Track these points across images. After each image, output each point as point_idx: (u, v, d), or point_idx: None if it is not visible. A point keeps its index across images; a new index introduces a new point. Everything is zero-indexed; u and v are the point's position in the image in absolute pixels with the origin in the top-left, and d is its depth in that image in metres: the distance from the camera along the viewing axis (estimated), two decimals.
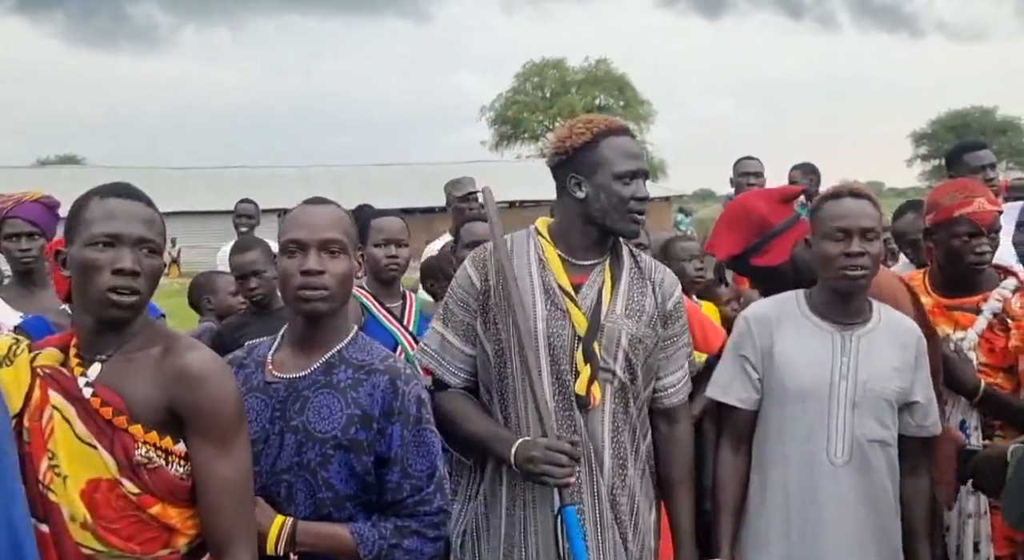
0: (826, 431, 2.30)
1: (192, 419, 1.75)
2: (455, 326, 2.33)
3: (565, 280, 2.25)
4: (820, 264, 2.36)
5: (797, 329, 2.37)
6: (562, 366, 2.20)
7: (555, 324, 2.21)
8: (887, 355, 2.35)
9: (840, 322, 2.37)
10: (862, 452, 2.30)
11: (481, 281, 2.29)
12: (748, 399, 2.39)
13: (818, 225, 2.37)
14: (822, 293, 2.41)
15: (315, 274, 1.93)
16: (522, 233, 2.38)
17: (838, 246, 2.31)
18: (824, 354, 2.34)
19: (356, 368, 1.99)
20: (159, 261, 1.80)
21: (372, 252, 3.14)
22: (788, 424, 2.32)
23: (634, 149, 2.27)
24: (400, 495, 1.94)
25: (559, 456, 2.07)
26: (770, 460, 2.36)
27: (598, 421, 2.22)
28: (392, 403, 1.94)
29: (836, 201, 2.36)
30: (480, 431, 2.25)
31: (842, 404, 2.30)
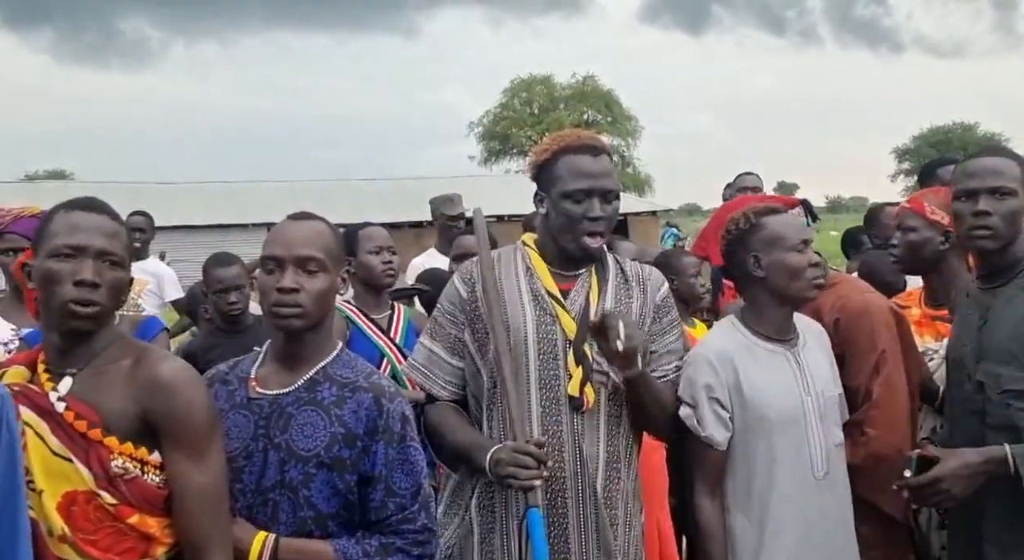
0: (807, 449, 2.32)
1: (166, 428, 1.77)
2: (443, 339, 2.36)
3: (553, 286, 2.28)
4: (787, 275, 2.34)
5: (754, 358, 2.36)
6: (552, 370, 2.22)
7: (544, 329, 2.23)
8: (821, 360, 2.42)
9: (783, 341, 2.40)
10: (833, 458, 2.36)
11: (468, 293, 2.33)
12: (724, 440, 2.34)
13: (777, 240, 2.36)
14: (767, 311, 2.39)
15: (289, 292, 1.91)
16: (509, 247, 2.42)
17: (804, 257, 2.33)
18: (788, 376, 2.35)
19: (340, 385, 1.97)
20: (122, 273, 1.82)
21: (366, 260, 3.18)
22: (776, 452, 2.31)
23: (589, 167, 2.23)
24: (384, 513, 1.92)
25: (524, 458, 2.08)
26: (761, 492, 2.31)
27: (593, 423, 2.23)
28: (376, 421, 1.92)
29: (780, 215, 2.40)
30: (463, 441, 2.27)
31: (813, 419, 2.33)
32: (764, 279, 2.38)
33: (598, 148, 2.27)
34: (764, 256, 2.36)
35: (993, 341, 2.27)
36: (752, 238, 2.39)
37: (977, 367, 2.29)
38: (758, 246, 2.37)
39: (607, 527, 2.21)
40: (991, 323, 2.30)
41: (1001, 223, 2.28)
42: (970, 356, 2.32)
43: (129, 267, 1.85)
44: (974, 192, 2.30)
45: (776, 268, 2.35)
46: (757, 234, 2.38)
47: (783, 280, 2.35)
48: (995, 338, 2.27)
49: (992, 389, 2.24)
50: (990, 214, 2.27)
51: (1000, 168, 2.31)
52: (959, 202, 2.34)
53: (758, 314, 2.41)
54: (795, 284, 2.34)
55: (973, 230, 2.30)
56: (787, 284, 2.35)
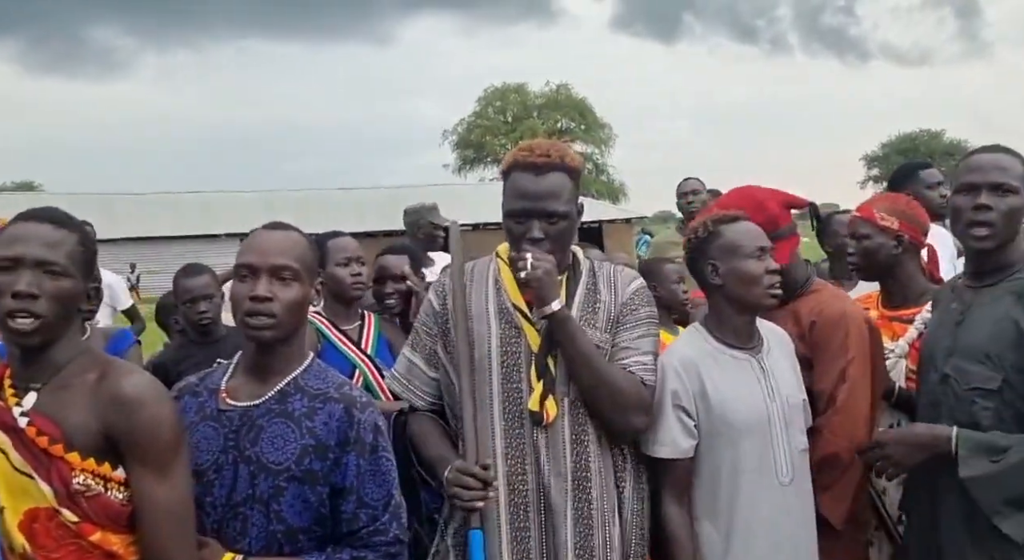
0: (772, 455, 2.33)
1: (129, 444, 1.73)
2: (421, 350, 2.38)
3: (520, 299, 2.27)
4: (744, 283, 2.35)
5: (719, 365, 2.37)
6: (515, 384, 2.21)
7: (509, 343, 2.24)
8: (785, 366, 2.44)
9: (747, 348, 2.41)
10: (798, 464, 2.37)
11: (441, 305, 2.34)
12: (690, 448, 2.34)
13: (734, 248, 2.36)
14: (729, 319, 2.40)
15: (263, 300, 1.89)
16: (485, 259, 2.42)
17: (761, 264, 2.35)
18: (753, 383, 2.36)
19: (311, 396, 1.95)
20: (67, 283, 1.75)
21: (335, 272, 3.13)
22: (742, 458, 2.31)
23: (529, 188, 2.21)
24: (356, 525, 1.90)
25: (467, 479, 2.07)
26: (726, 499, 2.31)
27: (558, 438, 2.21)
28: (347, 432, 1.91)
29: (737, 223, 2.40)
30: (432, 455, 2.26)
31: (779, 425, 2.35)
32: (723, 287, 2.39)
33: (543, 166, 2.22)
34: (722, 264, 2.38)
35: (969, 338, 2.28)
36: (710, 246, 2.40)
37: (947, 361, 2.30)
38: (716, 254, 2.39)
39: (568, 544, 2.17)
40: (970, 320, 2.30)
41: (1000, 219, 2.24)
42: (942, 350, 2.33)
43: (83, 276, 1.79)
44: (975, 186, 2.25)
45: (733, 276, 2.36)
46: (715, 242, 2.40)
47: (740, 287, 2.36)
48: (971, 336, 2.28)
49: (959, 385, 2.26)
50: (990, 209, 2.23)
51: (1004, 164, 2.27)
52: (959, 196, 2.30)
53: (720, 321, 2.43)
54: (752, 291, 2.35)
55: (971, 225, 2.27)
56: (744, 291, 2.36)
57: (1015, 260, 2.30)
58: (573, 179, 2.27)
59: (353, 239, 3.29)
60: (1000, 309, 2.24)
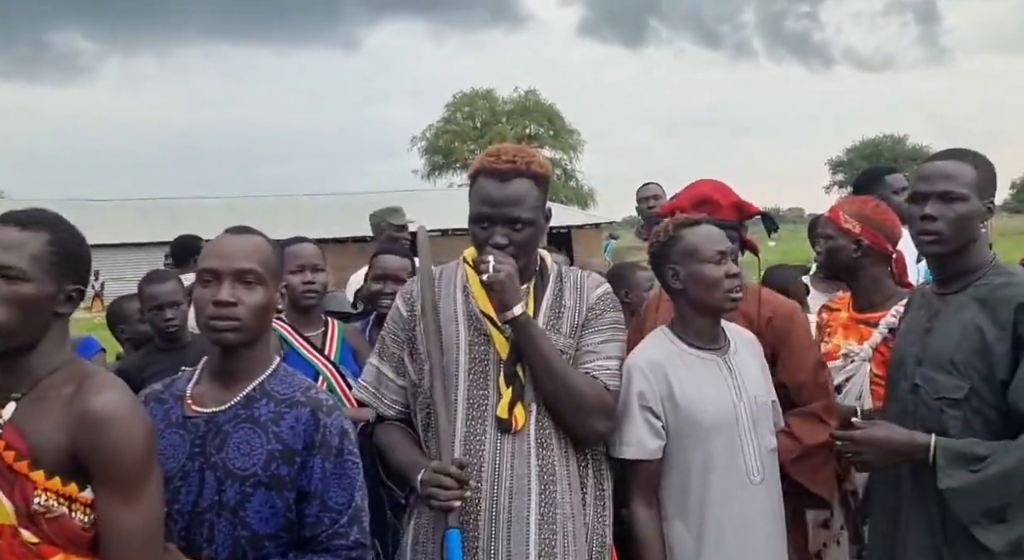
0: (742, 454, 2.35)
1: (94, 465, 1.66)
2: (389, 358, 2.38)
3: (488, 306, 2.26)
4: (704, 287, 2.38)
5: (686, 366, 2.39)
6: (481, 390, 2.22)
7: (477, 350, 2.24)
8: (753, 366, 2.46)
9: (713, 348, 2.43)
10: (767, 464, 2.39)
11: (408, 312, 2.34)
12: (658, 449, 2.36)
13: (693, 251, 2.39)
14: (692, 321, 2.43)
15: (226, 305, 1.88)
16: (453, 264, 2.41)
17: (720, 268, 2.37)
18: (720, 383, 2.39)
19: (277, 401, 1.94)
20: (25, 287, 1.67)
21: (288, 279, 3.06)
22: (711, 458, 2.33)
23: (494, 194, 2.22)
24: (318, 529, 1.89)
25: (444, 479, 2.08)
26: (697, 498, 2.33)
27: (524, 446, 2.21)
28: (313, 435, 1.90)
29: (698, 227, 2.42)
30: (403, 461, 2.27)
31: (747, 424, 2.37)
32: (684, 290, 2.42)
33: (508, 173, 2.22)
34: (682, 268, 2.41)
35: (936, 347, 2.28)
36: (671, 250, 2.43)
37: (917, 370, 2.31)
38: (676, 258, 2.42)
39: (525, 552, 2.16)
40: (937, 328, 2.30)
41: (947, 228, 2.24)
42: (911, 358, 2.35)
43: (53, 279, 1.71)
44: (924, 196, 2.28)
45: (693, 280, 2.39)
46: (676, 246, 2.42)
47: (699, 291, 2.39)
48: (938, 344, 2.28)
49: (928, 394, 2.26)
50: (935, 219, 2.25)
51: (952, 172, 2.26)
52: (912, 205, 2.33)
53: (685, 323, 2.45)
54: (711, 295, 2.38)
55: (920, 235, 2.31)
56: (704, 295, 2.39)
57: (977, 265, 2.29)
58: (539, 186, 2.27)
59: (312, 246, 3.25)
60: (966, 316, 2.24)
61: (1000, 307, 2.18)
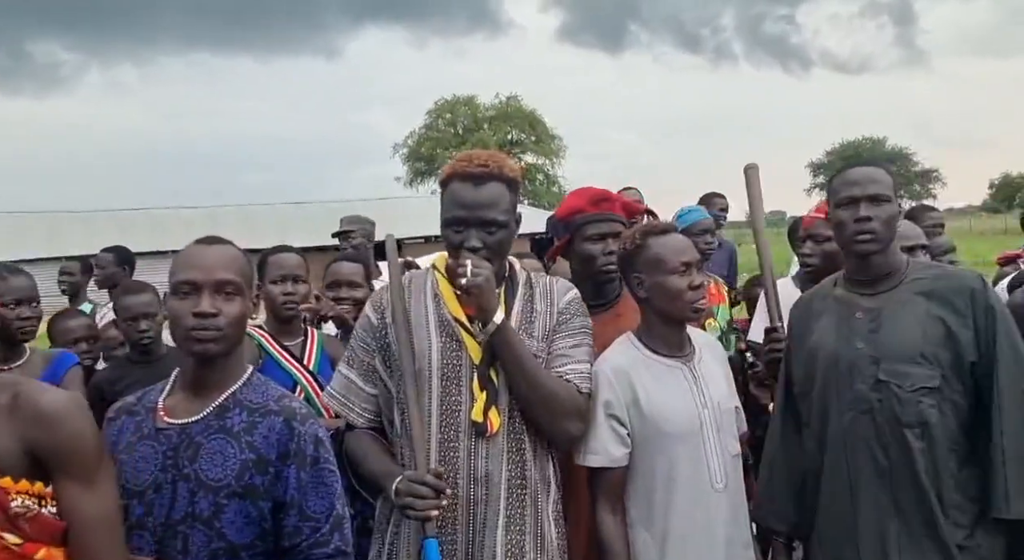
0: (706, 461, 2.36)
1: (53, 459, 1.73)
2: (358, 366, 2.37)
3: (459, 311, 2.27)
4: (667, 298, 2.39)
5: (651, 373, 2.40)
6: (454, 396, 2.21)
7: (450, 355, 2.24)
8: (717, 372, 2.49)
9: (678, 356, 2.44)
10: (731, 470, 2.40)
11: (378, 320, 2.34)
12: (623, 456, 2.36)
13: (657, 262, 2.40)
14: (657, 329, 2.44)
15: (208, 317, 1.88)
16: (422, 272, 2.43)
17: (684, 279, 2.38)
18: (684, 390, 2.40)
19: (251, 411, 1.94)
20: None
21: (269, 289, 3.10)
22: (675, 465, 2.34)
23: (467, 197, 2.23)
24: (298, 538, 1.89)
25: (420, 488, 2.08)
26: (661, 506, 2.34)
27: (497, 449, 2.22)
28: (288, 445, 1.90)
29: (665, 236, 2.44)
30: (375, 469, 2.26)
31: (711, 431, 2.38)
32: (648, 299, 2.43)
33: (481, 176, 2.24)
34: (647, 277, 2.42)
35: (896, 343, 2.37)
36: (637, 259, 2.44)
37: (877, 367, 2.37)
38: (641, 267, 2.43)
39: (493, 556, 2.18)
40: (888, 326, 2.39)
41: (881, 227, 2.40)
42: (862, 357, 2.40)
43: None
44: (856, 199, 2.42)
45: (656, 290, 2.41)
46: (641, 256, 2.43)
47: (662, 302, 2.40)
48: (899, 340, 2.37)
49: (902, 388, 2.34)
50: (871, 219, 2.39)
51: (876, 177, 2.45)
52: (841, 210, 2.46)
53: (650, 331, 2.46)
54: (674, 306, 2.39)
55: (856, 235, 2.42)
56: (666, 306, 2.40)
57: (899, 263, 2.47)
58: (511, 189, 2.29)
59: (295, 256, 3.25)
60: (918, 311, 2.37)
61: (954, 297, 2.35)
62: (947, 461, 2.31)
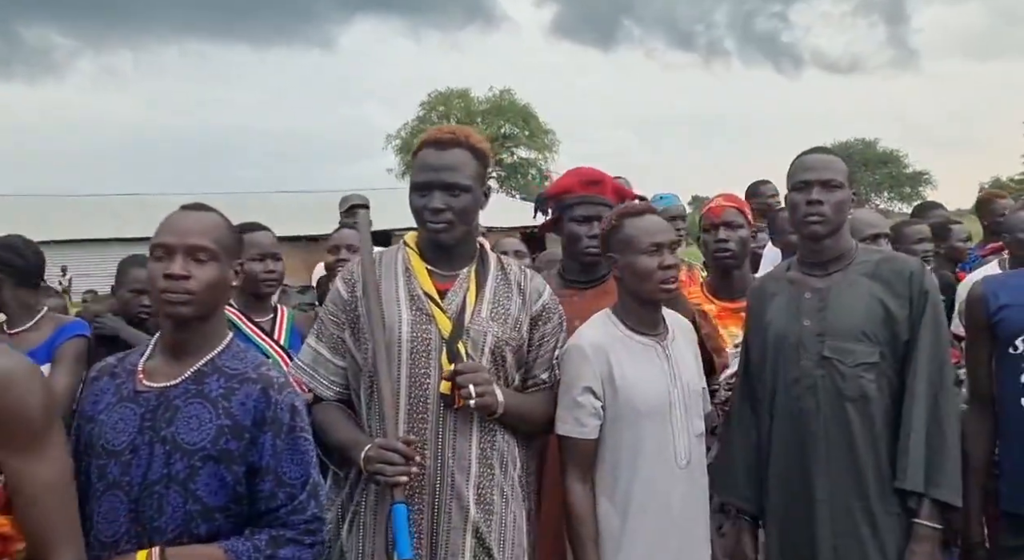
0: (671, 439, 2.42)
1: (2, 427, 1.67)
2: (327, 339, 2.40)
3: (430, 286, 2.32)
4: (637, 277, 2.44)
5: (628, 350, 2.45)
6: (423, 369, 2.25)
7: (419, 328, 2.27)
8: (688, 354, 2.55)
9: (652, 335, 2.50)
10: (695, 448, 2.47)
11: (349, 294, 2.37)
12: (594, 429, 2.41)
13: (629, 242, 2.45)
14: (633, 309, 2.50)
15: (178, 278, 1.90)
16: (392, 248, 2.46)
17: (654, 260, 2.43)
18: (657, 368, 2.45)
19: (228, 377, 1.97)
20: None
21: (248, 266, 3.11)
22: (642, 441, 2.40)
23: (431, 161, 2.29)
24: (274, 504, 1.93)
25: (391, 455, 2.11)
26: (626, 479, 2.40)
27: (467, 421, 2.25)
28: (264, 412, 1.93)
29: (639, 217, 2.49)
30: (344, 439, 2.29)
31: (678, 409, 2.44)
32: (621, 279, 2.49)
33: (446, 142, 2.31)
34: (619, 257, 2.48)
35: (840, 321, 2.51)
36: (612, 239, 2.51)
37: (821, 344, 2.51)
38: (615, 247, 2.49)
39: (463, 528, 2.22)
40: (835, 305, 2.53)
41: (830, 211, 2.53)
42: (808, 334, 2.53)
43: None
44: (808, 183, 2.56)
45: (628, 270, 2.46)
46: (616, 235, 2.50)
47: (633, 282, 2.46)
48: (842, 318, 2.51)
49: (845, 364, 2.48)
50: (822, 203, 2.52)
51: (830, 164, 2.59)
52: (795, 193, 2.59)
53: (626, 310, 2.52)
54: (644, 286, 2.45)
55: (807, 217, 2.55)
56: (637, 286, 2.46)
57: (848, 247, 2.61)
58: (477, 159, 2.33)
59: (270, 234, 3.30)
60: (861, 291, 2.52)
61: (894, 279, 2.51)
62: (883, 434, 2.45)
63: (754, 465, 2.64)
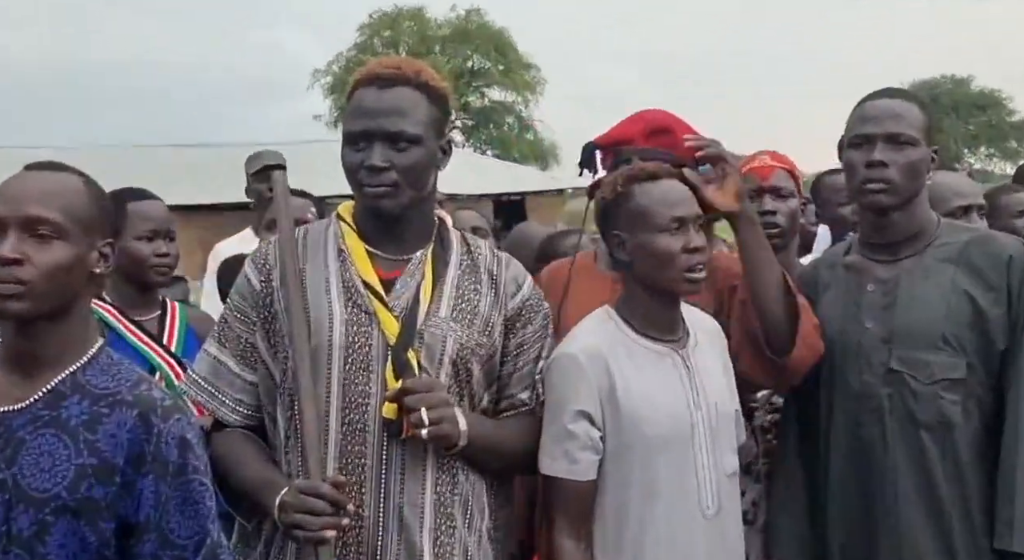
0: (694, 479, 2.40)
1: None
2: (232, 345, 2.39)
3: (372, 275, 2.30)
4: (655, 265, 2.41)
5: (633, 359, 2.43)
6: (361, 386, 2.24)
7: (357, 331, 2.27)
8: (715, 366, 2.54)
9: (668, 339, 2.48)
10: (725, 492, 2.45)
11: (261, 283, 2.36)
12: (592, 466, 2.38)
13: (642, 216, 2.42)
14: (642, 303, 2.48)
15: (8, 263, 1.86)
16: (322, 222, 2.46)
17: (676, 240, 2.39)
18: (674, 384, 2.43)
19: (95, 399, 1.93)
20: None
21: (133, 247, 3.11)
22: (655, 483, 2.37)
23: (369, 103, 2.27)
24: None
25: (314, 502, 2.10)
26: (634, 533, 2.37)
27: (417, 455, 2.24)
28: (143, 447, 1.90)
29: (654, 183, 2.44)
30: (252, 479, 2.28)
31: (704, 440, 2.43)
32: (631, 264, 2.46)
33: (389, 78, 2.29)
34: (629, 236, 2.44)
35: (913, 322, 2.50)
36: (617, 212, 2.47)
37: (888, 352, 2.49)
38: (623, 223, 2.46)
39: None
40: (906, 300, 2.51)
41: (899, 175, 2.51)
42: (873, 340, 2.52)
43: None
44: (870, 138, 2.54)
45: (640, 252, 2.43)
46: (623, 207, 2.46)
47: (647, 267, 2.43)
48: (916, 319, 2.50)
49: (920, 380, 2.46)
50: (887, 165, 2.50)
51: (901, 112, 2.55)
52: (852, 151, 2.57)
53: (633, 306, 2.50)
54: (663, 274, 2.41)
55: (867, 182, 2.52)
56: (652, 273, 2.43)
57: (925, 223, 2.58)
58: (432, 101, 2.32)
59: (164, 205, 3.28)
60: (943, 282, 2.49)
61: (987, 267, 2.48)
62: (973, 472, 2.42)
63: (808, 535, 2.64)
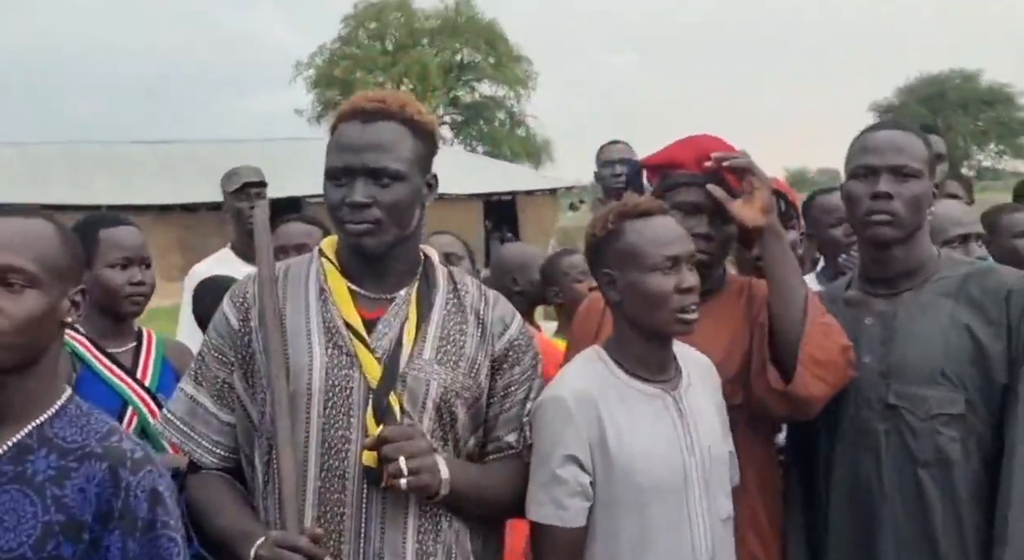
0: (688, 526, 2.41)
1: None
2: (209, 385, 2.40)
3: (354, 315, 2.32)
4: (646, 305, 2.42)
5: (623, 402, 2.44)
6: (341, 431, 2.26)
7: (337, 374, 2.28)
8: (707, 407, 2.54)
9: (659, 380, 2.49)
10: (719, 538, 2.47)
11: (240, 322, 2.37)
12: (581, 513, 2.39)
13: (633, 254, 2.43)
14: (633, 344, 2.49)
15: None
16: (304, 258, 2.48)
17: (669, 279, 2.40)
18: (667, 430, 2.44)
19: (62, 453, 1.95)
20: None
21: (106, 276, 3.10)
22: (648, 531, 2.38)
23: (352, 139, 2.29)
24: None
25: (291, 556, 2.10)
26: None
27: (399, 504, 2.26)
28: (112, 502, 1.91)
29: (647, 219, 2.46)
30: (226, 528, 2.28)
31: (697, 487, 2.44)
32: (621, 303, 2.47)
33: (372, 112, 2.31)
34: (619, 275, 2.46)
35: (910, 357, 2.54)
36: (607, 250, 2.48)
37: (886, 387, 2.53)
38: (613, 261, 2.47)
39: None
40: (904, 335, 2.56)
41: (903, 208, 2.55)
42: (871, 374, 2.56)
43: None
44: (874, 170, 2.58)
45: (631, 292, 2.44)
46: (614, 245, 2.47)
47: (638, 307, 2.44)
48: (914, 354, 2.54)
49: (917, 416, 2.49)
50: (892, 197, 2.54)
51: (905, 145, 2.59)
52: (855, 182, 2.61)
53: (623, 346, 2.51)
54: (654, 314, 2.42)
55: (871, 214, 2.56)
56: (643, 313, 2.44)
57: (926, 258, 2.62)
58: (418, 137, 2.34)
59: (138, 230, 3.27)
60: (941, 317, 2.53)
61: (987, 300, 2.52)
62: (970, 511, 2.45)
63: None
